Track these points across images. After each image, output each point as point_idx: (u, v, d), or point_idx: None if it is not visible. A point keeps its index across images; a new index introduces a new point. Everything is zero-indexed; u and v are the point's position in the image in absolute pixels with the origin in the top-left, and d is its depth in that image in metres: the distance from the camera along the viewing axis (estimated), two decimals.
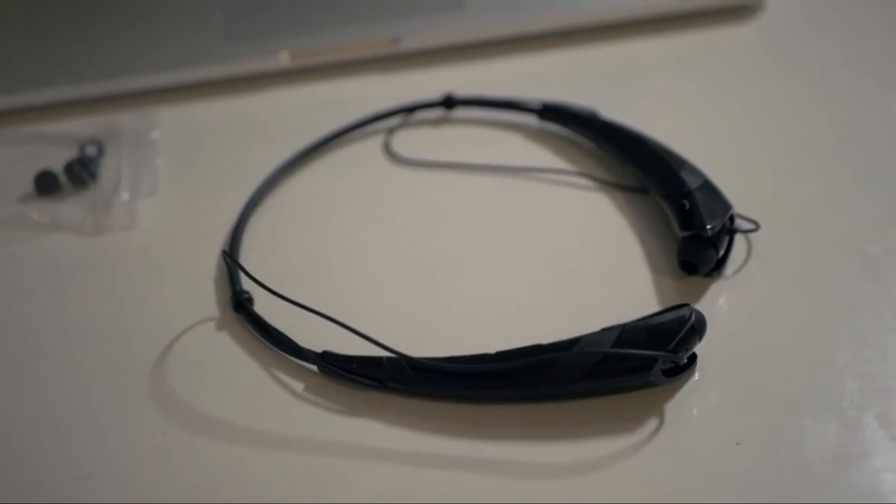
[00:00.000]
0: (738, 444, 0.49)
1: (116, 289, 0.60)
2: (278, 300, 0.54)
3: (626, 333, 0.49)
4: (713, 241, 0.55)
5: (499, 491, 0.48)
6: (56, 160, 0.66)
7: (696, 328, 0.50)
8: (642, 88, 0.69)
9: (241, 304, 0.56)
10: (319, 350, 0.53)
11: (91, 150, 0.67)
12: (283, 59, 0.72)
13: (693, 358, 0.50)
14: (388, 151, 0.66)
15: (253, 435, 0.51)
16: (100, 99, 0.72)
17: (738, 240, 0.57)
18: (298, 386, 0.53)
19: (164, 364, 0.55)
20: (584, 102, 0.66)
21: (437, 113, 0.68)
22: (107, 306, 0.59)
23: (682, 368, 0.50)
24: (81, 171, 0.65)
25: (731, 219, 0.56)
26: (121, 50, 0.73)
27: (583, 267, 0.58)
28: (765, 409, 0.50)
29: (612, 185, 0.62)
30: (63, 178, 0.66)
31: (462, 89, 0.68)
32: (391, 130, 0.68)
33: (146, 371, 0.55)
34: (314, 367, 0.53)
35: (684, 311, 0.50)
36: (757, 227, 0.57)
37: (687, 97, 0.68)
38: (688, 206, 0.56)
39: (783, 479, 0.47)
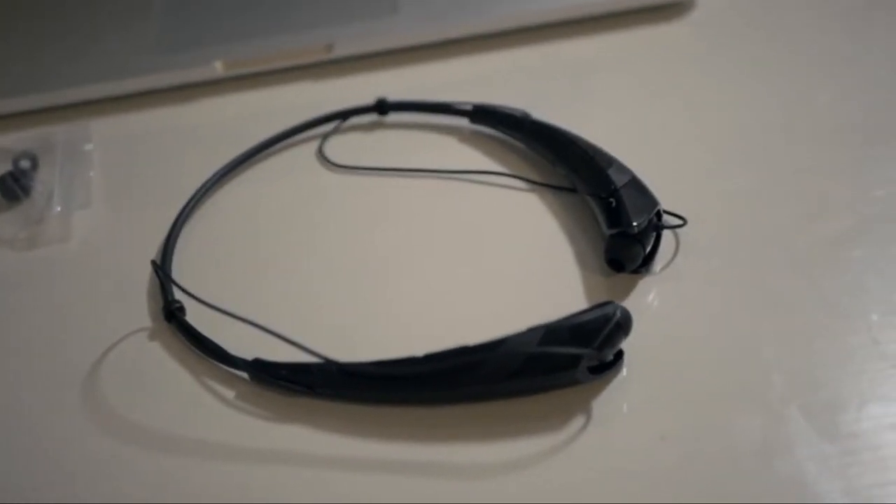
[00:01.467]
0: (664, 438, 0.49)
1: (50, 301, 0.60)
2: (211, 309, 0.54)
3: (552, 332, 0.49)
4: (639, 238, 0.55)
5: (429, 492, 0.48)
6: None
7: (622, 325, 0.50)
8: (575, 88, 0.70)
9: (172, 314, 0.56)
10: (251, 358, 0.53)
11: (24, 164, 0.67)
12: (217, 69, 0.72)
13: (619, 355, 0.51)
14: (322, 157, 0.66)
15: (184, 443, 0.52)
16: (33, 112, 0.72)
17: (667, 236, 0.57)
18: (229, 394, 0.53)
19: (97, 375, 0.55)
20: (519, 103, 0.66)
21: (371, 118, 0.68)
22: (40, 319, 0.59)
23: (608, 365, 0.51)
24: (13, 185, 0.65)
25: (658, 215, 0.56)
26: (54, 63, 0.73)
27: (512, 267, 0.58)
28: (692, 403, 0.51)
29: (542, 185, 0.62)
30: None
31: (398, 94, 0.68)
32: (325, 136, 0.68)
33: (79, 382, 0.55)
34: (245, 375, 0.53)
35: (609, 309, 0.50)
36: (684, 222, 0.57)
37: (619, 95, 0.69)
38: (614, 204, 0.56)
39: (710, 471, 0.48)
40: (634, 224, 0.55)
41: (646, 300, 0.55)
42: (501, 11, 0.73)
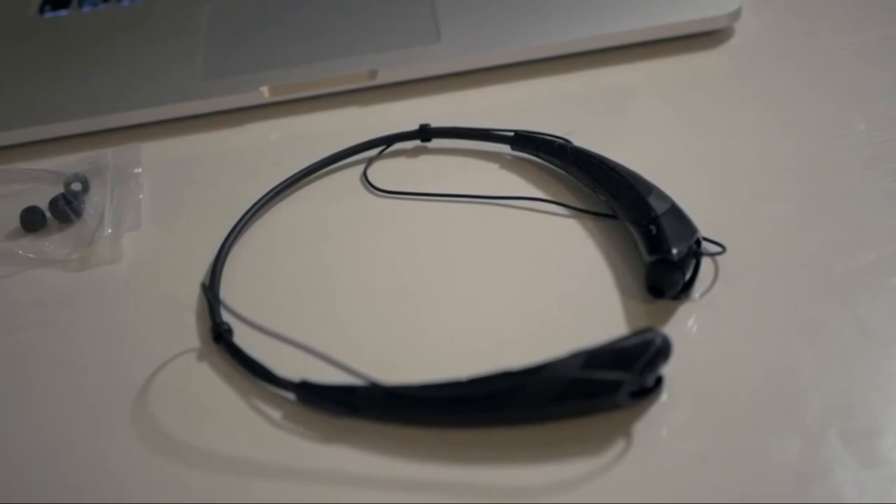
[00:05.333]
0: (704, 462, 0.50)
1: (100, 322, 0.61)
2: (258, 331, 0.55)
3: (594, 357, 0.50)
4: (679, 265, 0.56)
5: None
6: (42, 197, 0.68)
7: (663, 351, 0.51)
8: (615, 115, 0.71)
9: (220, 336, 0.57)
10: (298, 379, 0.54)
11: (76, 186, 0.68)
12: (264, 94, 0.73)
13: (660, 380, 0.52)
14: (367, 182, 0.68)
15: (232, 463, 0.53)
16: (84, 135, 0.73)
17: (706, 263, 0.58)
18: (276, 414, 0.54)
19: (147, 395, 0.56)
20: (559, 130, 0.67)
21: (414, 144, 0.70)
22: (91, 339, 0.60)
23: (648, 390, 0.51)
24: (65, 207, 0.67)
25: (698, 242, 0.57)
26: (104, 88, 0.75)
27: (553, 292, 0.59)
28: (731, 428, 0.51)
29: (582, 212, 0.63)
30: (48, 214, 0.67)
31: (441, 120, 0.70)
32: (369, 161, 0.69)
33: (129, 401, 0.56)
34: (292, 396, 0.55)
35: (650, 335, 0.51)
36: (723, 249, 0.58)
37: (658, 123, 0.69)
38: (655, 231, 0.57)
39: (748, 495, 0.48)
40: (675, 251, 0.56)
41: (685, 326, 0.56)
42: (542, 40, 0.74)
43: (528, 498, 0.49)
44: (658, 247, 0.57)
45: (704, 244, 0.58)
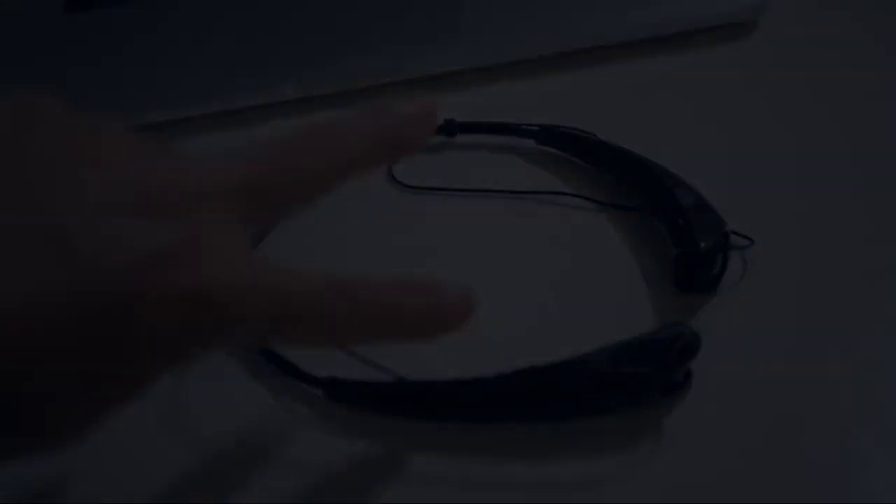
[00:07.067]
0: (734, 457, 0.50)
1: None
2: None
3: (622, 352, 0.50)
4: (707, 259, 0.56)
5: None
6: None
7: (692, 345, 0.51)
8: (640, 108, 0.70)
9: None
10: (325, 375, 0.54)
11: None
12: (287, 91, 0.73)
13: (689, 374, 0.51)
14: (391, 177, 0.67)
15: (259, 458, 0.53)
16: None
17: (733, 256, 0.58)
18: (304, 410, 0.54)
19: (173, 392, 0.56)
20: (584, 124, 0.67)
21: (439, 139, 0.69)
22: None
23: (678, 385, 0.51)
24: None
25: (726, 235, 0.57)
26: (128, 87, 0.75)
27: (580, 286, 0.59)
28: (761, 423, 0.51)
29: (608, 205, 0.63)
30: None
31: (465, 115, 0.69)
32: None
33: (154, 397, 0.56)
34: (320, 392, 0.55)
35: (679, 329, 0.51)
36: (751, 242, 0.58)
37: (683, 115, 0.69)
38: (682, 224, 0.57)
39: (779, 491, 0.48)
40: (702, 245, 0.55)
41: (714, 320, 0.56)
42: (564, 34, 0.74)
43: (558, 494, 0.49)
44: (686, 240, 0.56)
45: (732, 237, 0.58)
